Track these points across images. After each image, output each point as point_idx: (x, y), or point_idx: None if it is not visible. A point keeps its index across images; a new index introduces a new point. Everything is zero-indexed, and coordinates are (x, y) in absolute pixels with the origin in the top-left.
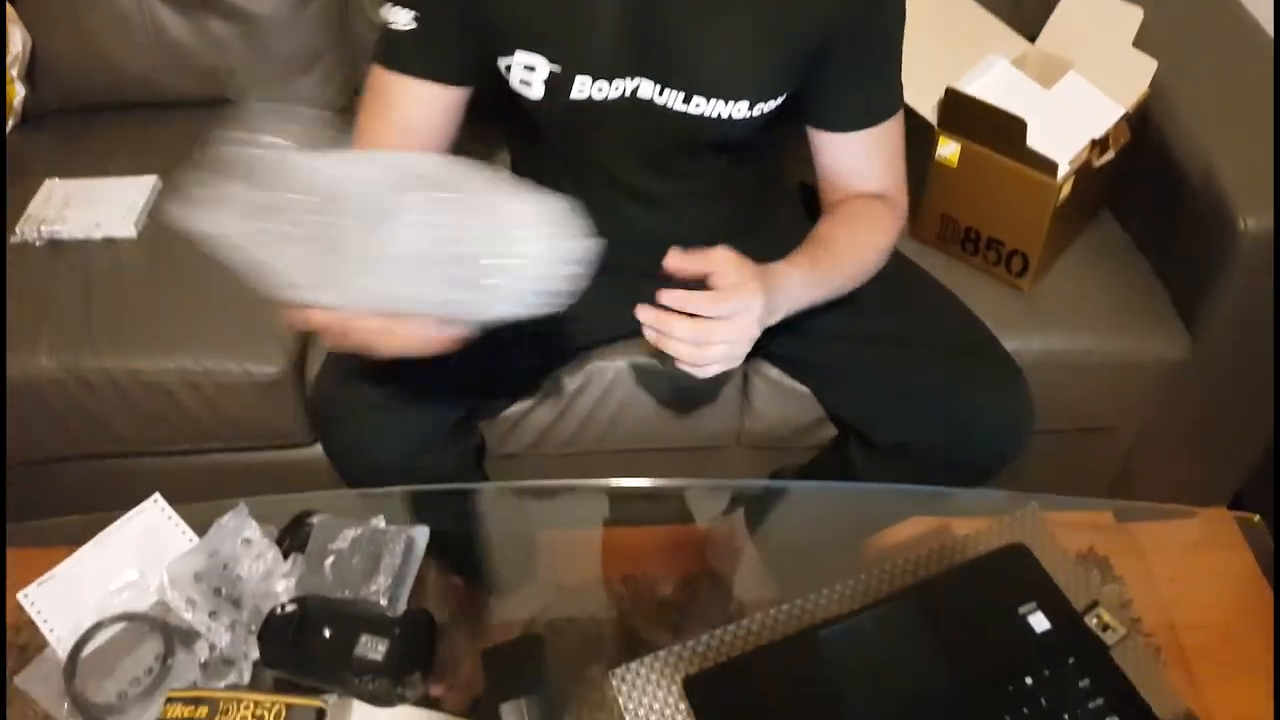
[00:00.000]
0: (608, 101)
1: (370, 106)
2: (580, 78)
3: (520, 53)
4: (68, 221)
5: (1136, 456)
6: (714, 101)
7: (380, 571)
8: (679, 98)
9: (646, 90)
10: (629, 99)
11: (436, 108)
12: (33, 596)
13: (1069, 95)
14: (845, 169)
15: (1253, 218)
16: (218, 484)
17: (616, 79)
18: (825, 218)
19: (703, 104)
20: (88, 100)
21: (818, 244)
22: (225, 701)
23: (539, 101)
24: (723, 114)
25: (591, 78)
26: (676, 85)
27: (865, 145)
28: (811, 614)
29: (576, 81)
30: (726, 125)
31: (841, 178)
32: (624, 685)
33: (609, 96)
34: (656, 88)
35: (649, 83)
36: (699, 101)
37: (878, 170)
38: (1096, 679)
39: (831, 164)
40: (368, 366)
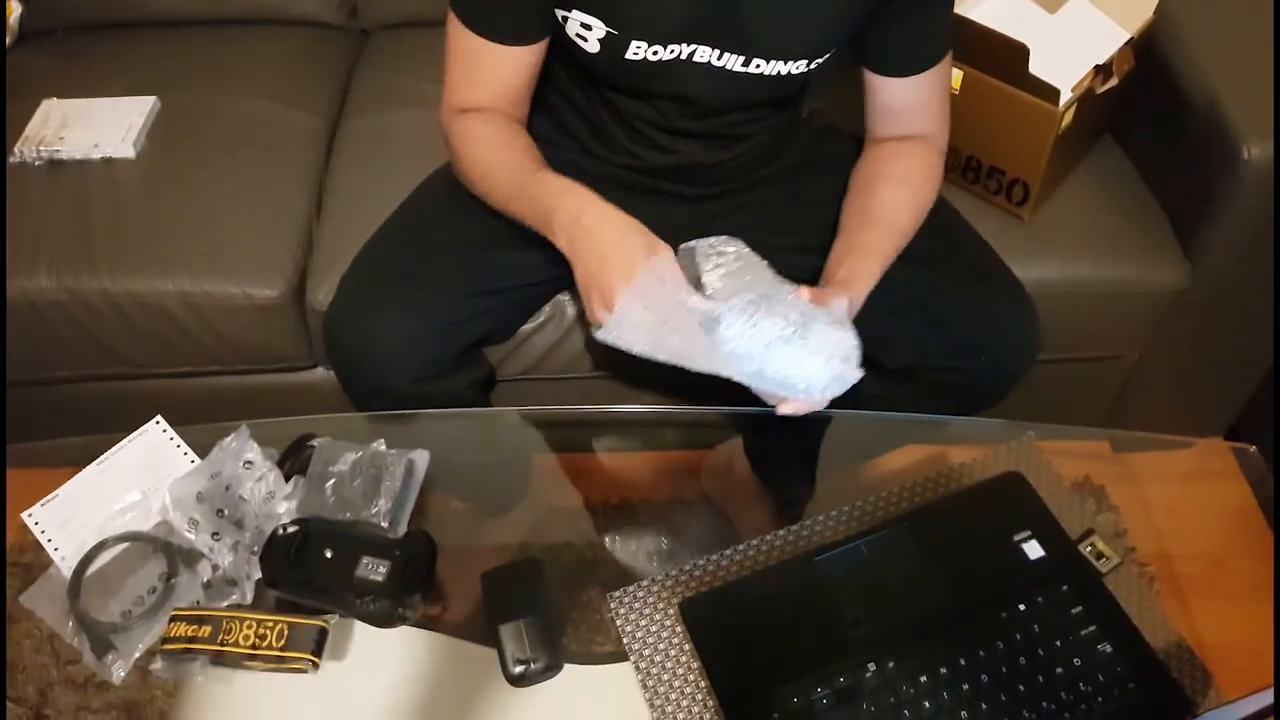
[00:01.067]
0: (663, 62)
1: (460, 66)
2: (636, 42)
3: (577, 11)
4: (66, 142)
5: (1134, 386)
6: (774, 63)
7: (381, 494)
8: (738, 61)
9: (704, 54)
10: (685, 61)
11: (525, 66)
12: (36, 516)
13: (1073, 20)
14: (899, 108)
15: (1256, 146)
16: (219, 406)
17: (672, 44)
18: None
19: (762, 65)
20: (85, 19)
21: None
22: (228, 621)
23: (595, 55)
24: (781, 71)
25: (648, 43)
26: (736, 50)
27: (922, 86)
28: (807, 540)
29: (632, 45)
30: (784, 80)
31: (894, 115)
32: (621, 608)
33: (664, 59)
34: (715, 52)
35: (706, 48)
36: (759, 63)
37: (931, 109)
38: (1089, 606)
39: (886, 103)
40: (381, 293)
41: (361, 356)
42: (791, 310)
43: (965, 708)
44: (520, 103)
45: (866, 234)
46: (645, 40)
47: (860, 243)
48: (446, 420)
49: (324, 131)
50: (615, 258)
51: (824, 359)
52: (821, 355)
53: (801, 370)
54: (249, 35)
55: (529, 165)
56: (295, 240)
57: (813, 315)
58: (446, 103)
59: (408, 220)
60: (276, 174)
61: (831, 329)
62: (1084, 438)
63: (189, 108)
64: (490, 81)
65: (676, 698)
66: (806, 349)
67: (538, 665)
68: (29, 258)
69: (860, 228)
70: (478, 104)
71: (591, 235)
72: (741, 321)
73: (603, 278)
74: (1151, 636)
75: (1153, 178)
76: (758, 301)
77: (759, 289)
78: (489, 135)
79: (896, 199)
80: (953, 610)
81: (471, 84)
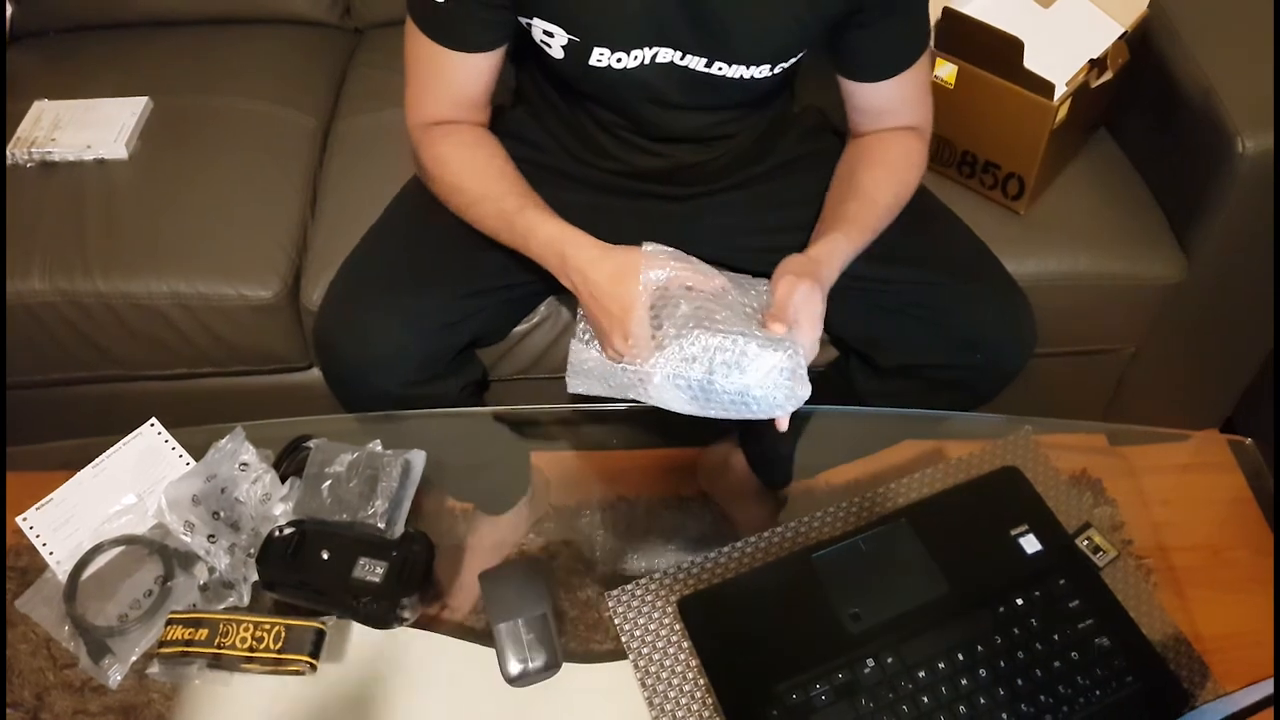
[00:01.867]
0: (628, 70)
1: (419, 74)
2: (598, 49)
3: (539, 20)
4: (58, 143)
5: (1130, 380)
6: (736, 67)
7: (377, 495)
8: (700, 63)
9: (667, 55)
10: (649, 65)
11: (485, 72)
12: (32, 520)
13: (1067, 14)
14: (878, 110)
15: (1252, 139)
16: (214, 408)
17: (635, 50)
18: (858, 157)
19: (725, 69)
20: (76, 19)
21: (860, 200)
22: (225, 623)
23: (560, 61)
24: (745, 75)
25: (610, 49)
26: (699, 53)
27: (898, 87)
28: (805, 536)
29: (594, 52)
30: (751, 84)
31: (873, 116)
32: (620, 607)
33: (628, 66)
34: (677, 54)
35: (669, 50)
36: (721, 66)
37: (911, 104)
38: (1087, 600)
39: (864, 106)
40: (371, 297)
41: (352, 361)
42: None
43: (964, 702)
44: (482, 108)
45: (843, 208)
46: (607, 47)
47: (836, 216)
48: (443, 420)
49: (318, 131)
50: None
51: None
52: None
53: (748, 405)
54: (242, 34)
55: (510, 201)
56: (290, 240)
57: (743, 350)
58: (411, 116)
59: (396, 222)
60: (270, 174)
61: (765, 354)
62: (1081, 431)
63: (182, 108)
64: (452, 90)
65: (675, 695)
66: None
67: (536, 664)
68: (22, 259)
69: (837, 203)
70: (441, 114)
71: (586, 282)
72: (670, 381)
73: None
74: (1149, 629)
75: (1148, 171)
76: (687, 352)
77: (692, 330)
78: (463, 160)
79: (875, 178)
80: (951, 605)
81: (433, 94)
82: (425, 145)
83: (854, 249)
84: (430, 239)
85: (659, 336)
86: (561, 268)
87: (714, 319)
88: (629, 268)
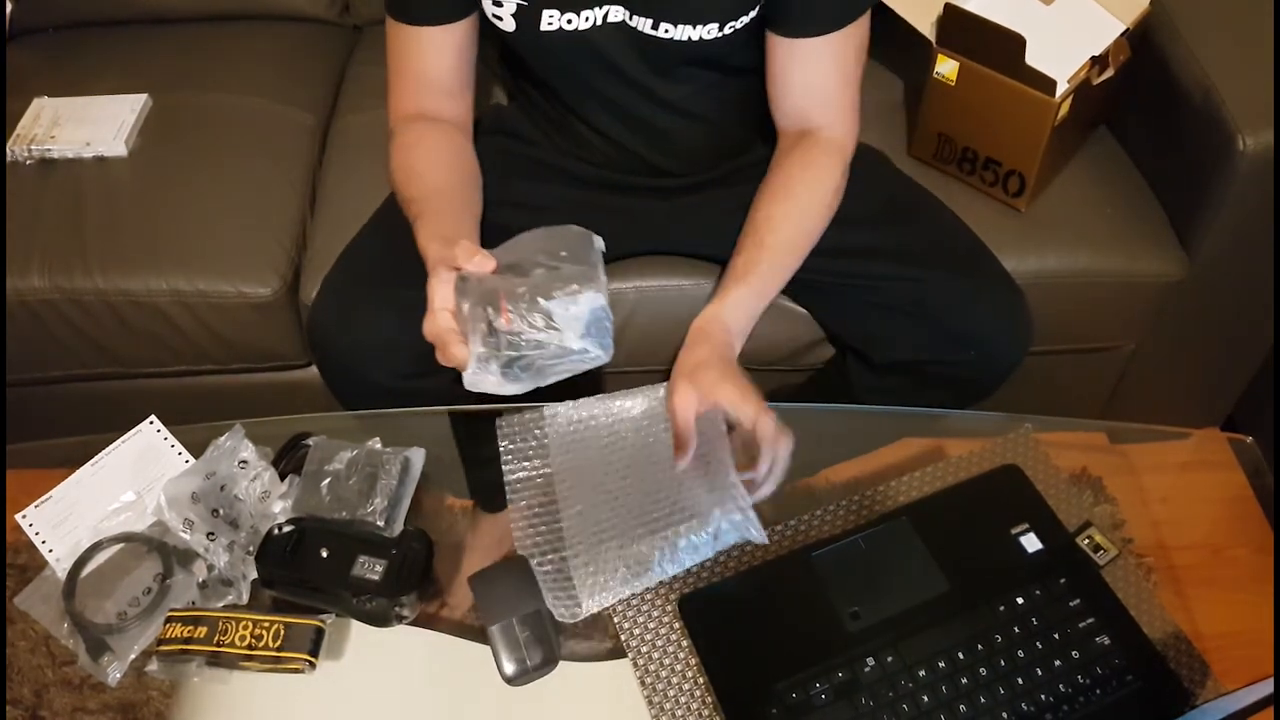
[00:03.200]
0: (579, 31)
1: (391, 61)
2: (548, 11)
3: None
4: (57, 140)
5: (1130, 378)
6: (681, 26)
7: (377, 493)
8: (647, 24)
9: (617, 14)
10: (601, 26)
11: (446, 50)
12: (31, 518)
13: (1069, 11)
14: (794, 85)
15: (1252, 137)
16: (214, 405)
17: (585, 9)
18: (763, 193)
19: (671, 29)
20: (75, 16)
21: (761, 249)
22: (224, 621)
23: (512, 34)
24: (693, 37)
25: (559, 10)
26: (644, 14)
27: (817, 59)
28: (805, 535)
29: (544, 15)
30: (700, 46)
31: (790, 97)
32: (619, 605)
33: (579, 27)
34: (626, 13)
35: (619, 9)
36: (667, 27)
37: (826, 90)
38: (1087, 599)
39: (780, 78)
40: (365, 290)
41: (346, 354)
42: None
43: (964, 701)
44: (455, 96)
45: (744, 255)
46: (556, 8)
47: (738, 266)
48: (442, 418)
49: (317, 128)
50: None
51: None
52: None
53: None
54: (241, 31)
55: (412, 209)
56: (289, 237)
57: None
58: (389, 112)
59: (390, 216)
60: (270, 171)
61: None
62: (1081, 429)
63: (181, 105)
64: (420, 72)
65: (675, 694)
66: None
67: (533, 662)
68: (21, 257)
69: (741, 248)
70: (413, 103)
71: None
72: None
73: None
74: (1149, 628)
75: (1149, 169)
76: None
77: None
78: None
79: (784, 213)
80: (951, 603)
81: (403, 81)
82: (391, 147)
83: (761, 300)
84: None
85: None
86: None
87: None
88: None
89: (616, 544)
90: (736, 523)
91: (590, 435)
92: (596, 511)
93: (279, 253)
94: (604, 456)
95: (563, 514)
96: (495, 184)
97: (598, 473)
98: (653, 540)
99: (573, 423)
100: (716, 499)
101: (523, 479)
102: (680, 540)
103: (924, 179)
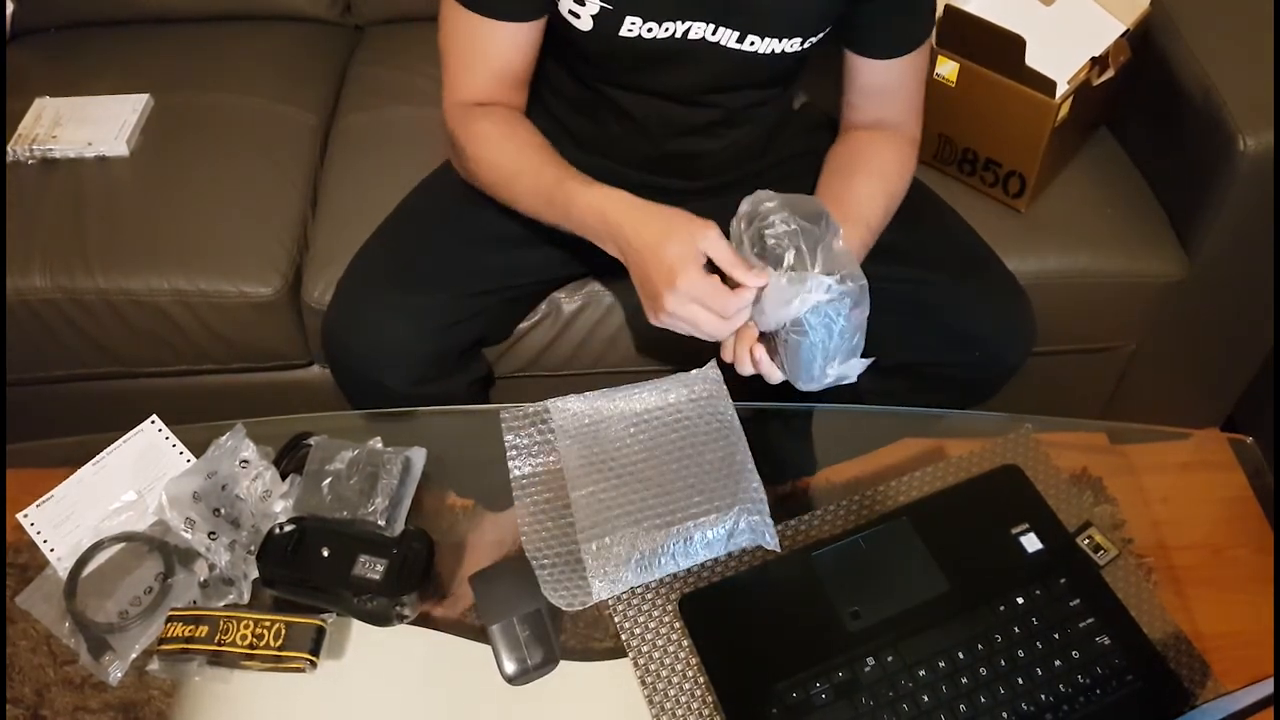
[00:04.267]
0: (657, 40)
1: (457, 50)
2: (631, 18)
3: None
4: (59, 140)
5: (1131, 378)
6: (769, 40)
7: (378, 492)
8: (733, 37)
9: (698, 31)
10: (679, 39)
11: (525, 45)
12: (32, 517)
13: (1069, 12)
14: (876, 92)
15: (1253, 137)
16: (215, 405)
17: (667, 21)
18: (852, 167)
19: (758, 42)
20: (77, 16)
21: (856, 225)
22: (225, 620)
23: (586, 33)
24: (776, 50)
25: (642, 19)
26: (732, 25)
27: (899, 71)
28: (805, 535)
29: (626, 21)
30: (779, 59)
31: (870, 100)
32: (620, 604)
33: (659, 37)
34: (710, 28)
35: (701, 24)
36: (754, 39)
37: (907, 95)
38: (1087, 599)
39: (864, 87)
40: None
41: (362, 360)
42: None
43: (964, 700)
44: (520, 87)
45: (850, 229)
46: (640, 16)
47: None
48: (443, 417)
49: (319, 128)
50: (657, 267)
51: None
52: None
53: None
54: (242, 31)
55: (548, 172)
56: (290, 237)
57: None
58: (448, 97)
59: (404, 222)
60: (271, 171)
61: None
62: (1081, 429)
63: (183, 105)
64: (491, 64)
65: (675, 694)
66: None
67: (534, 661)
68: (23, 256)
69: (849, 220)
70: (480, 92)
71: (631, 246)
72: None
73: (648, 287)
74: (1149, 628)
75: (1149, 169)
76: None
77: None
78: (501, 136)
79: (873, 192)
80: (951, 603)
81: (471, 70)
82: (464, 123)
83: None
84: (436, 239)
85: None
86: (605, 231)
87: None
88: (678, 225)
89: (630, 531)
90: (754, 524)
91: (600, 425)
92: (607, 494)
93: (280, 252)
94: (615, 445)
95: (572, 496)
96: None
97: (608, 458)
98: (667, 531)
99: (581, 414)
100: (737, 497)
101: (528, 474)
102: (696, 533)
103: (924, 180)
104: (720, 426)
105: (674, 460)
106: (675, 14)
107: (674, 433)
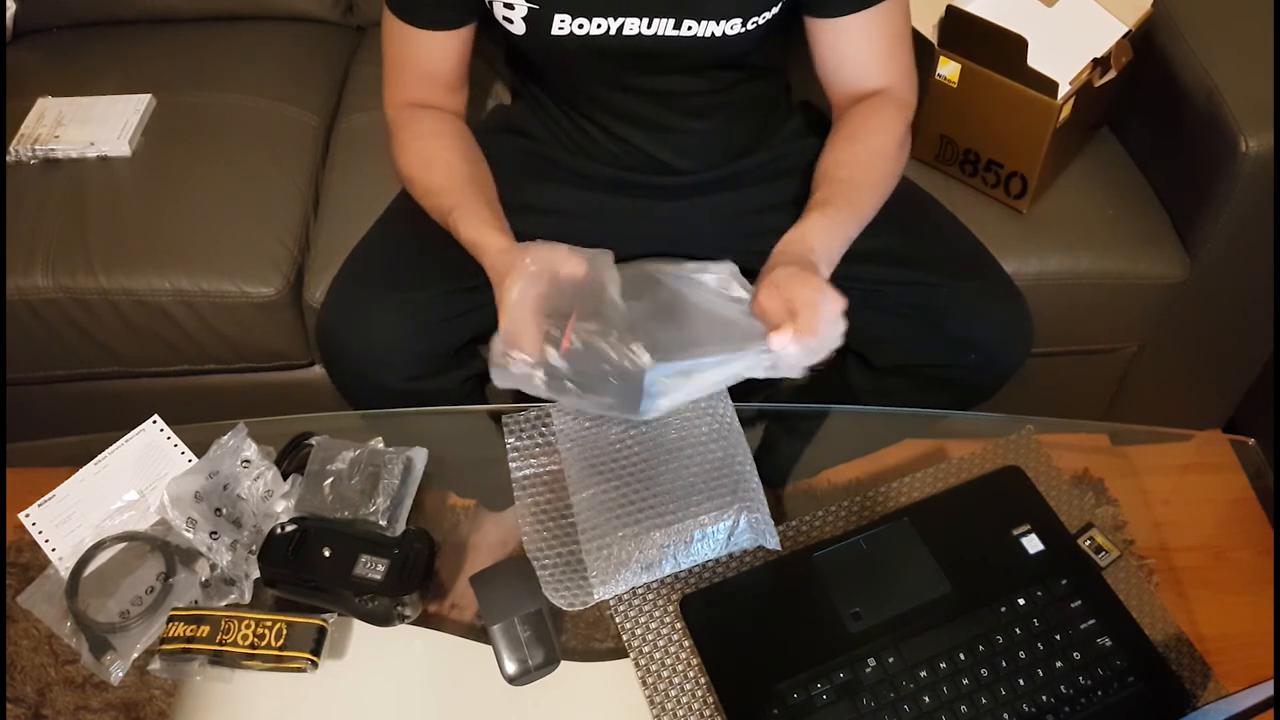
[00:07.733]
0: (592, 37)
1: (389, 52)
2: (559, 15)
3: None
4: (61, 140)
5: (1132, 379)
6: (706, 23)
7: (379, 492)
8: (669, 25)
9: (633, 26)
10: (614, 35)
11: (449, 51)
12: (34, 516)
13: (1071, 13)
14: (845, 61)
15: (1254, 139)
16: (217, 405)
17: (597, 17)
18: (830, 142)
19: (695, 26)
20: (79, 16)
21: (832, 184)
22: (226, 620)
23: (522, 36)
24: (716, 33)
25: (570, 16)
26: (665, 14)
27: (864, 30)
28: (806, 535)
29: (555, 20)
30: (721, 43)
31: (843, 72)
32: (621, 605)
33: (591, 33)
34: (644, 21)
35: (634, 19)
36: (690, 24)
37: (880, 57)
38: (1089, 600)
39: (830, 57)
40: (373, 292)
41: (356, 355)
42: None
43: (965, 701)
44: (453, 90)
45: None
46: (568, 13)
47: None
48: (444, 417)
49: (320, 128)
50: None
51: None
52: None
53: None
54: (245, 32)
55: (447, 199)
56: (292, 237)
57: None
58: (386, 99)
59: (398, 219)
60: (273, 171)
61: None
62: (1083, 431)
63: (185, 105)
64: (422, 69)
65: (676, 694)
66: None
67: (535, 661)
68: (25, 256)
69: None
70: (414, 95)
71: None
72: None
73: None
74: (1151, 630)
75: (1151, 171)
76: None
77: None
78: (417, 150)
79: (852, 155)
80: (952, 604)
81: (404, 74)
82: (393, 132)
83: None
84: (432, 235)
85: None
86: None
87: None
88: (510, 267)
89: (631, 531)
90: (755, 522)
91: (600, 427)
92: (608, 496)
93: (282, 252)
94: (615, 446)
95: (573, 498)
96: (507, 187)
97: (609, 460)
98: (668, 531)
99: (581, 416)
100: (737, 496)
101: (529, 475)
102: (697, 532)
103: (926, 181)
104: (720, 427)
105: (674, 460)
106: (604, 9)
107: (674, 433)
